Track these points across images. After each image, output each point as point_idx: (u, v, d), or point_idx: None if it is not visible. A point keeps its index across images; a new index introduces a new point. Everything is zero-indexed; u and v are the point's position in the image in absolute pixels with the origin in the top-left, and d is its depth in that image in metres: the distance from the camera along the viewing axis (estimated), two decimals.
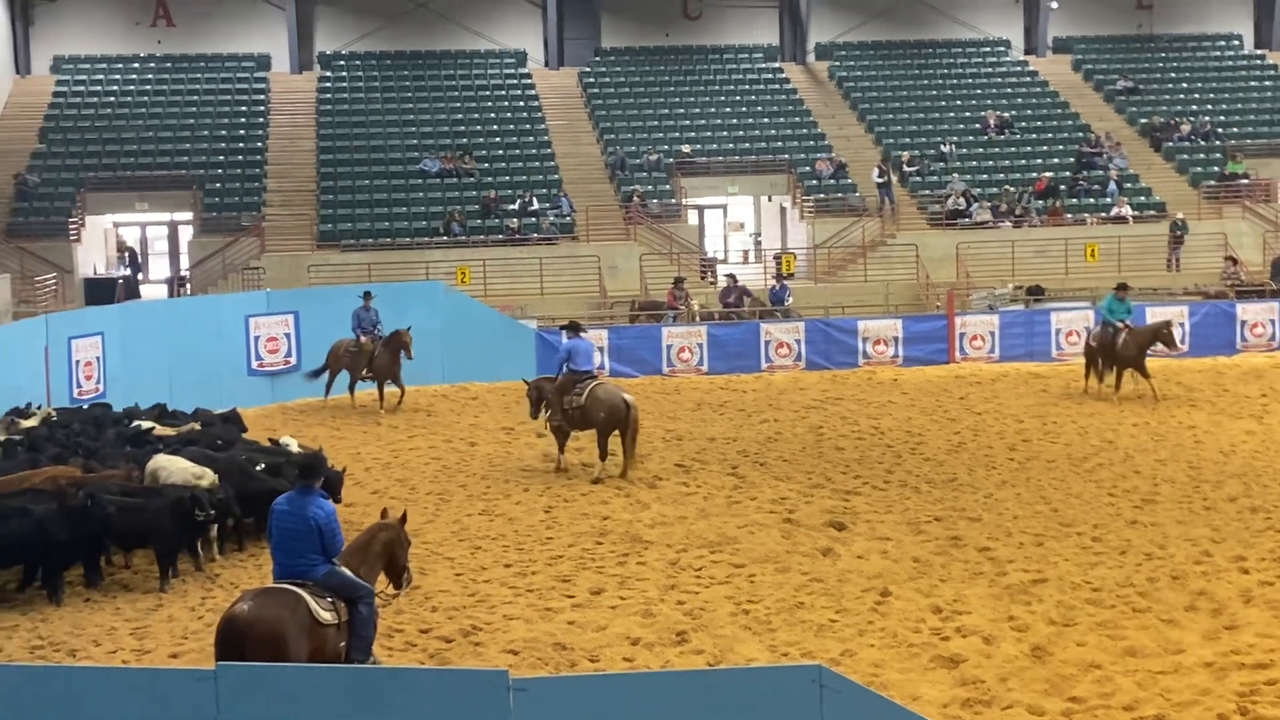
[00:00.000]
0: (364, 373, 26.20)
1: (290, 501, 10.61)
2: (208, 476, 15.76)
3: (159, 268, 45.17)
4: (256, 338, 27.72)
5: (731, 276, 35.12)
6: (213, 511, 15.08)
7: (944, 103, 47.04)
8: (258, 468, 16.73)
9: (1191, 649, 11.92)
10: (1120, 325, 25.63)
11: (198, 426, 20.22)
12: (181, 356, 26.03)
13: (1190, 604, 13.17)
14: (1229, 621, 12.62)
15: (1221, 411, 24.04)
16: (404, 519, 11.30)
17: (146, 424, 19.84)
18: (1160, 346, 25.94)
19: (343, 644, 10.29)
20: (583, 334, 21.17)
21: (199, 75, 46.24)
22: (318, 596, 10.18)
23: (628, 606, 13.60)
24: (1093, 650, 11.94)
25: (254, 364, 27.69)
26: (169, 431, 19.53)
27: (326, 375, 26.65)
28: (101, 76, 45.88)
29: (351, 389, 26.46)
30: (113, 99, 44.83)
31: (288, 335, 28.05)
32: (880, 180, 40.08)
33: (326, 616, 10.14)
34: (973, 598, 13.56)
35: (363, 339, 26.25)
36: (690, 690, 8.10)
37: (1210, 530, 15.89)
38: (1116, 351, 25.49)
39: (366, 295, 26.75)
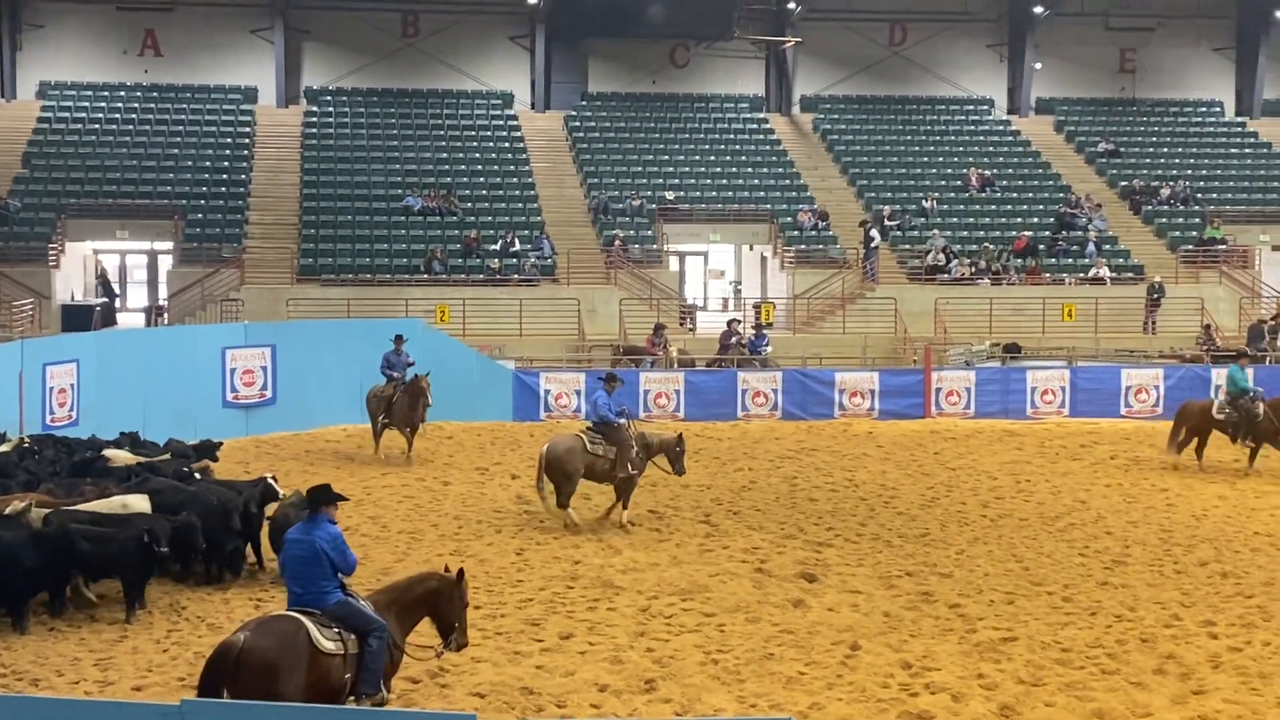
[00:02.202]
0: (382, 419, 25.02)
1: (301, 530, 10.71)
2: (134, 505, 15.52)
3: (137, 296, 45.00)
4: (233, 370, 27.61)
5: (731, 323, 35.13)
6: (164, 549, 14.84)
7: (926, 158, 47.38)
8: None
9: (1159, 713, 11.91)
10: (1256, 395, 24.18)
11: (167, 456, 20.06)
12: (156, 386, 25.90)
13: (1159, 667, 13.17)
14: (1197, 686, 12.61)
15: (1194, 475, 24.12)
16: (461, 575, 11.08)
17: (117, 452, 19.71)
18: None
19: (349, 675, 10.22)
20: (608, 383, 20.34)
21: (185, 105, 46.26)
22: (323, 625, 10.17)
23: (597, 652, 13.53)
24: (1061, 711, 11.92)
25: (229, 396, 27.56)
26: (128, 459, 19.36)
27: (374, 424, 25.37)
28: (87, 103, 45.87)
29: (376, 436, 25.21)
30: (97, 126, 44.80)
31: (264, 368, 27.95)
32: (873, 245, 40.12)
33: (329, 646, 10.11)
34: (942, 654, 13.53)
35: (384, 384, 25.10)
36: None
37: (1180, 594, 15.91)
38: (1258, 425, 23.95)
39: (398, 339, 25.59)
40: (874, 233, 40.42)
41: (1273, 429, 23.98)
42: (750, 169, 45.95)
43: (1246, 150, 49.40)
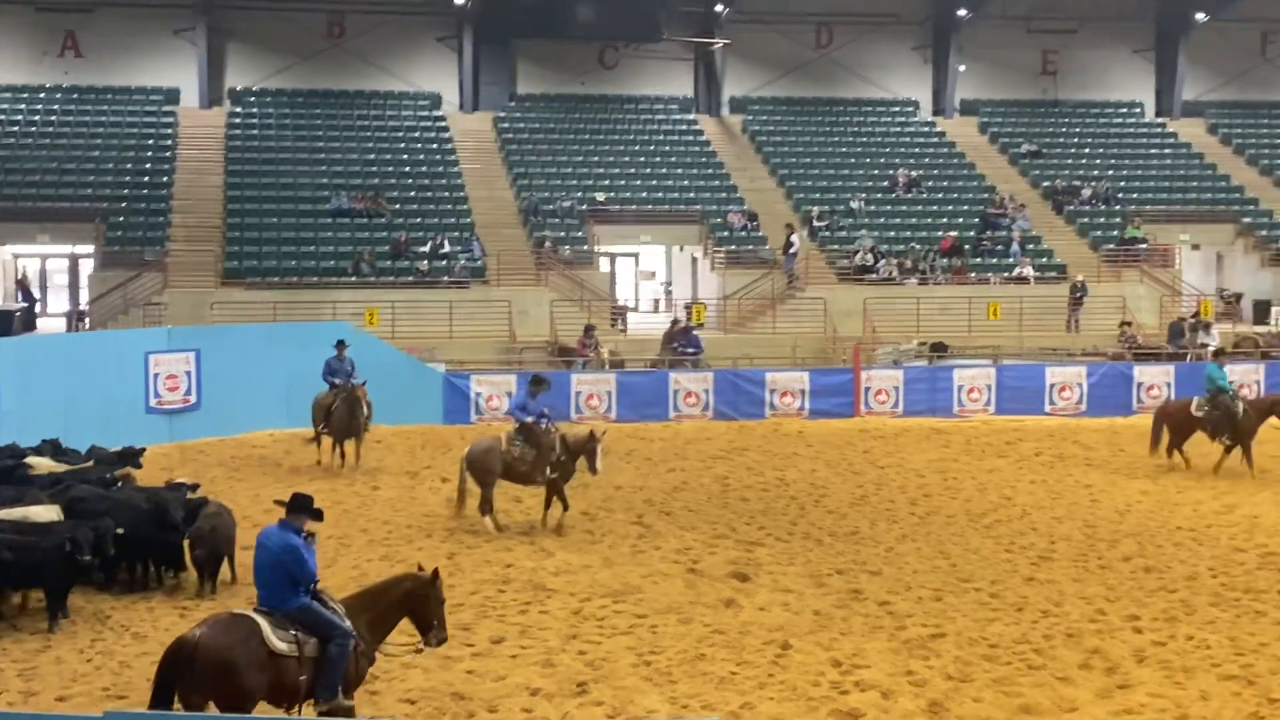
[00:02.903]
0: (320, 428, 24.41)
1: (269, 536, 10.82)
2: (35, 516, 15.26)
3: (58, 301, 44.30)
4: (156, 375, 27.23)
5: (676, 321, 35.12)
6: (90, 557, 14.64)
7: (854, 160, 47.71)
8: None
9: (1085, 707, 12.06)
10: (1238, 393, 24.08)
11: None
12: (78, 392, 25.46)
13: (1084, 662, 13.34)
14: (1122, 680, 12.79)
15: (1117, 471, 24.47)
16: (435, 574, 11.17)
17: (39, 460, 19.40)
18: (1274, 419, 24.25)
19: (304, 678, 10.25)
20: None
21: (106, 107, 45.60)
22: (278, 627, 10.26)
23: (528, 656, 13.50)
24: (988, 707, 12.04)
25: (152, 402, 27.19)
26: (51, 467, 19.06)
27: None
28: (6, 105, 45.06)
29: (318, 443, 24.55)
30: (17, 128, 44.04)
31: (188, 373, 27.60)
32: (793, 251, 40.27)
33: (281, 647, 10.18)
34: (872, 652, 13.63)
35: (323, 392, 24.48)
36: None
37: (1105, 589, 16.13)
38: (1239, 423, 23.67)
39: (340, 344, 24.93)
40: (794, 238, 40.58)
41: (1252, 427, 23.72)
42: (680, 170, 46.05)
43: (1166, 150, 50.20)
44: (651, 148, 47.28)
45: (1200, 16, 51.04)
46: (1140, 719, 11.73)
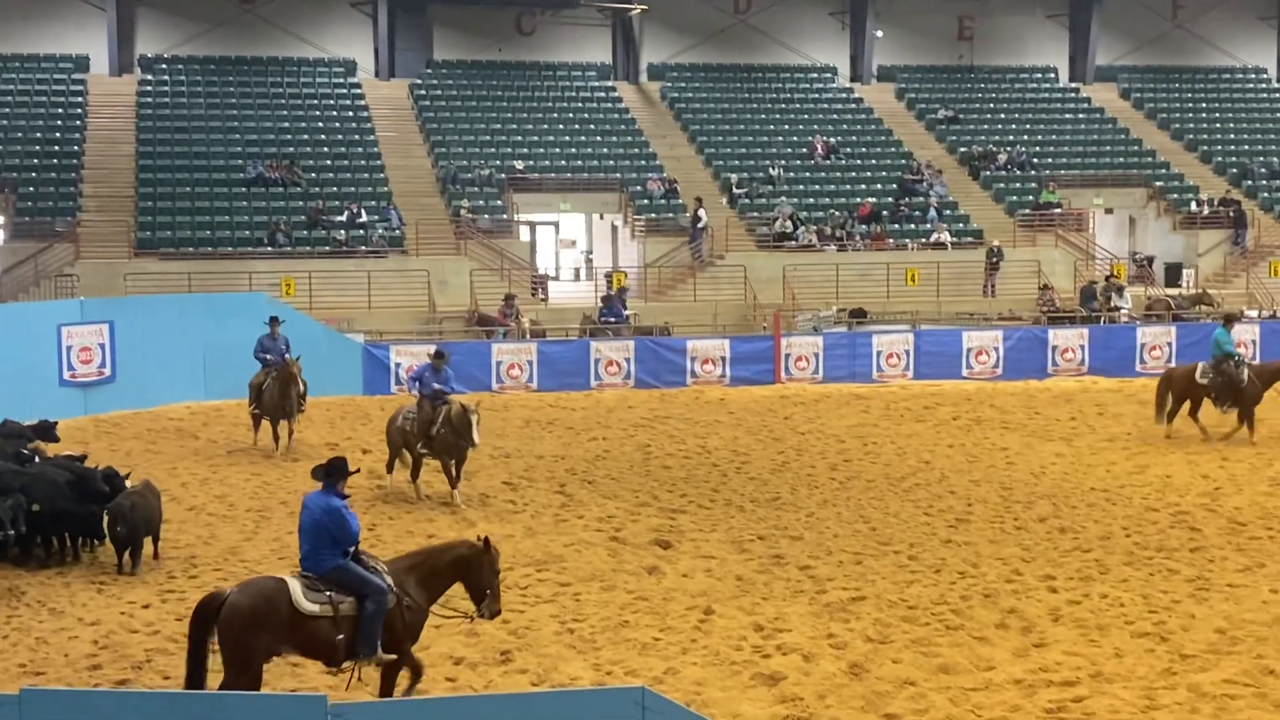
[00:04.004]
0: (252, 408, 23.48)
1: (312, 499, 11.09)
2: None
3: None
4: (69, 348, 26.79)
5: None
6: (11, 532, 14.47)
7: (772, 126, 47.84)
8: None
9: (1002, 666, 12.27)
10: (1243, 359, 23.47)
11: None
12: None
13: (1001, 621, 13.56)
14: (1038, 639, 13.01)
15: (1033, 434, 24.84)
16: (487, 543, 11.38)
17: None
18: None
19: (341, 636, 10.59)
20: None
21: (13, 75, 44.58)
22: (311, 589, 10.57)
23: (451, 625, 13.44)
24: (908, 668, 12.20)
25: (66, 375, 26.75)
26: None
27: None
28: None
29: (255, 425, 23.50)
30: None
31: (102, 345, 27.18)
32: (700, 225, 40.26)
33: (312, 608, 10.49)
34: (793, 616, 13.76)
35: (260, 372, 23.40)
36: (511, 714, 8.06)
37: (1021, 550, 16.39)
38: (1243, 389, 23.22)
39: (273, 320, 23.97)
40: (701, 212, 40.59)
41: (1256, 394, 23.21)
42: (599, 138, 45.92)
43: (1080, 115, 50.81)
44: (570, 115, 47.09)
45: None
46: (1056, 677, 11.93)
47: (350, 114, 45.64)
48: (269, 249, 37.81)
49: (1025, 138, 48.57)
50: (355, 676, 11.07)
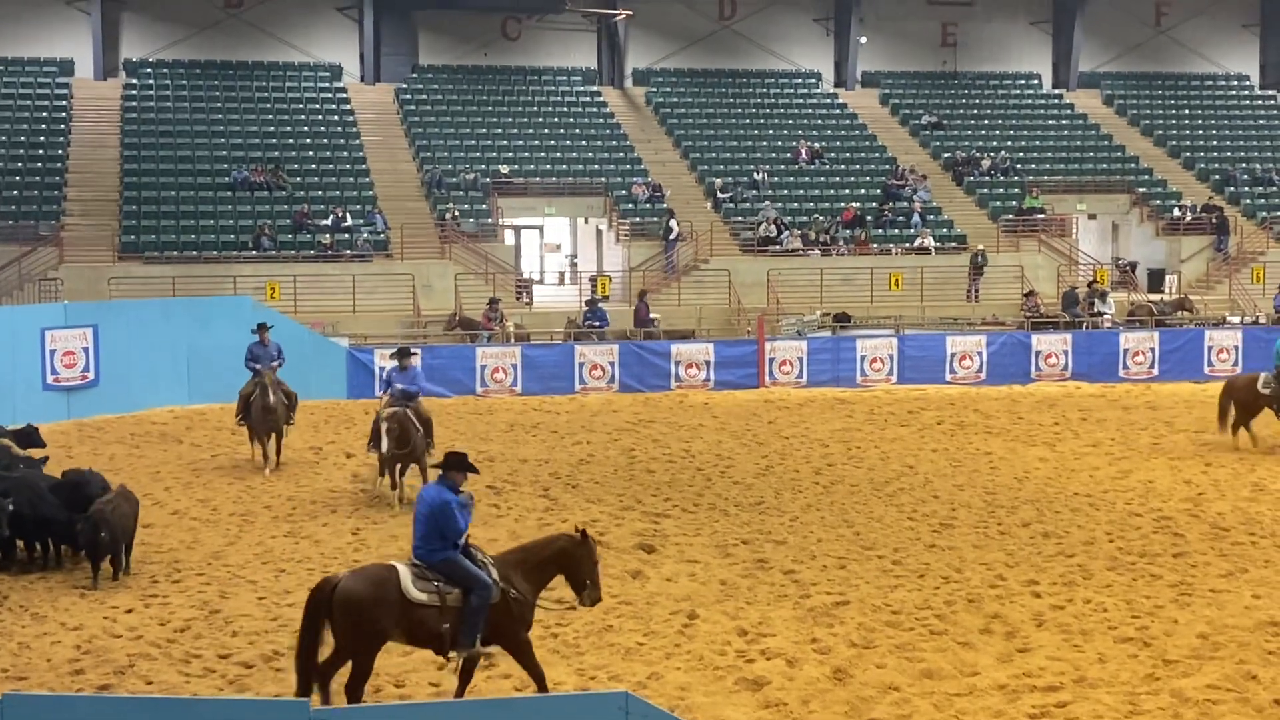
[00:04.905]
0: (238, 419, 22.49)
1: (427, 491, 11.41)
2: None
3: None
4: (53, 351, 26.70)
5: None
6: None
7: (757, 131, 47.91)
8: None
9: (986, 671, 12.29)
10: None
11: None
12: None
13: (985, 627, 13.58)
14: (1022, 644, 13.04)
15: (1016, 439, 24.90)
16: (584, 535, 11.51)
17: None
18: None
19: (447, 625, 10.87)
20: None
21: None
22: (420, 578, 10.89)
23: None
24: (891, 672, 12.23)
25: (49, 379, 26.66)
26: None
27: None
28: None
29: (252, 438, 22.42)
30: None
31: (86, 350, 27.09)
32: (673, 237, 40.21)
33: (420, 596, 10.81)
34: (777, 620, 13.78)
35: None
36: (496, 719, 8.06)
37: (1004, 555, 16.43)
38: None
39: (261, 328, 22.81)
40: (673, 223, 40.56)
41: None
42: (584, 142, 45.94)
43: (1063, 121, 51.00)
44: (555, 120, 47.11)
45: None
46: (1040, 682, 11.97)
47: (335, 118, 45.60)
48: (254, 253, 37.73)
49: (1009, 143, 48.71)
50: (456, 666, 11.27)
